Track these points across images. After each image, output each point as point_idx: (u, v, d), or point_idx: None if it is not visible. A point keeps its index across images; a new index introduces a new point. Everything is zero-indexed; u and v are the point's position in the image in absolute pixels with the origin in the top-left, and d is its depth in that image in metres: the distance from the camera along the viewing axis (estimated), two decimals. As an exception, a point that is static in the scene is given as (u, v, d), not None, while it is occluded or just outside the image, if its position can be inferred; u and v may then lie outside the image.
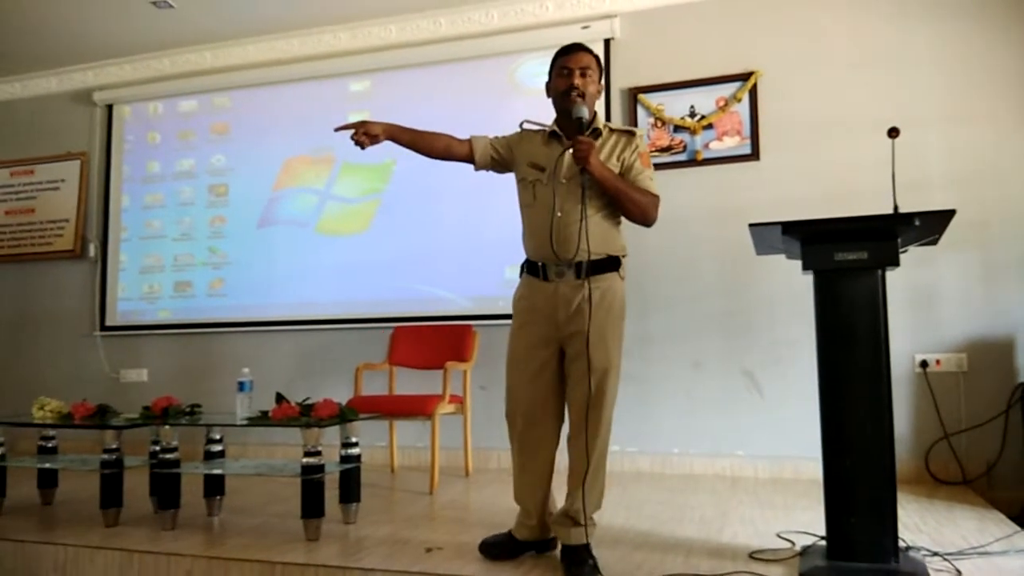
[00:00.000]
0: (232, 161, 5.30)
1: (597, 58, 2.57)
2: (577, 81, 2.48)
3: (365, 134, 2.59)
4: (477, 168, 2.67)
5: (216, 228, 5.29)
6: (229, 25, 5.05)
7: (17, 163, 5.84)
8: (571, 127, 2.46)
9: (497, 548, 2.52)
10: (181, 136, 5.45)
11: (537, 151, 2.55)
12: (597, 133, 2.52)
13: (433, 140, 2.66)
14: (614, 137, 2.54)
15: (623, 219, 2.55)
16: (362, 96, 5.03)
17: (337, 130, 2.65)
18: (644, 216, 2.49)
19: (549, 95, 2.59)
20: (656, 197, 2.50)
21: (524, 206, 2.58)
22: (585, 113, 2.43)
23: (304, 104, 5.14)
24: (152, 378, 5.29)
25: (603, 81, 2.61)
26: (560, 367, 2.52)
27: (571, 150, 2.41)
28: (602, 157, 2.47)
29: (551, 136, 2.55)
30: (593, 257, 2.42)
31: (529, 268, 2.56)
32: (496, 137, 2.67)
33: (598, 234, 2.44)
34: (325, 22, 5.01)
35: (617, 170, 2.48)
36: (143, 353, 5.36)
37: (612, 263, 2.48)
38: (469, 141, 2.65)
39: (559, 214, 2.44)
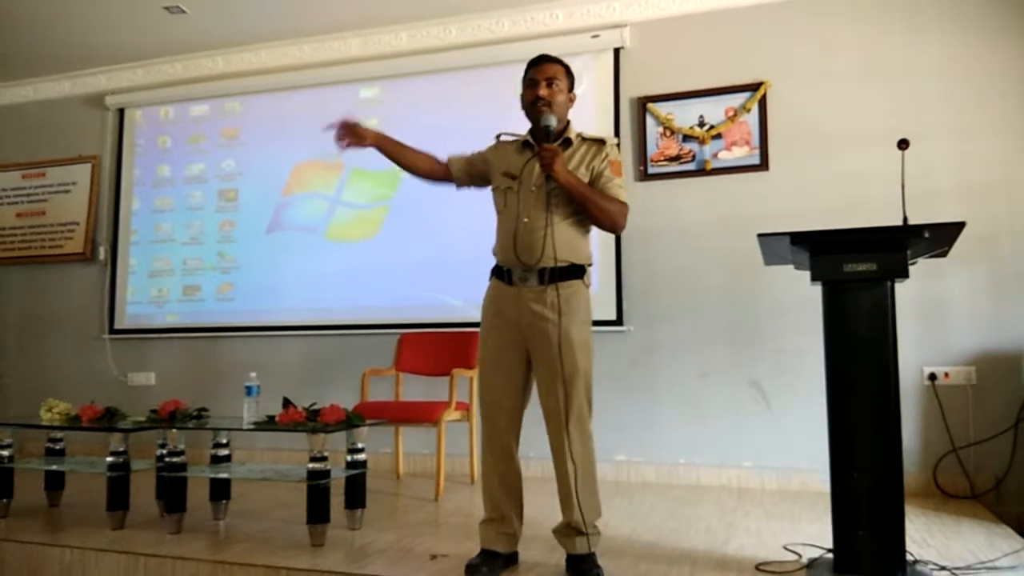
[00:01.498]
0: (242, 166, 5.32)
1: (566, 67, 2.59)
2: (543, 92, 2.51)
3: (353, 134, 2.60)
4: (459, 187, 2.72)
5: (225, 232, 5.31)
6: (241, 31, 5.09)
7: (28, 166, 5.88)
8: (542, 136, 2.49)
9: (485, 566, 2.47)
10: (192, 140, 5.47)
11: (511, 160, 2.59)
12: (568, 142, 2.55)
13: (416, 158, 2.69)
14: (585, 146, 2.56)
15: (593, 228, 2.58)
16: (372, 103, 5.05)
17: (325, 129, 2.64)
18: (612, 223, 2.52)
19: (522, 107, 2.61)
20: (624, 205, 2.52)
21: (497, 213, 2.62)
22: (552, 121, 2.47)
23: (314, 110, 5.15)
24: (160, 381, 5.30)
25: (575, 90, 2.61)
26: (529, 371, 2.54)
27: (537, 158, 2.45)
28: (572, 165, 2.50)
29: (524, 145, 2.58)
30: (557, 264, 2.44)
31: (496, 272, 2.59)
32: (473, 153, 2.72)
33: (564, 241, 2.46)
34: (336, 29, 5.04)
35: (587, 178, 2.51)
36: (151, 356, 5.38)
37: (576, 271, 2.50)
38: (447, 163, 2.70)
39: (525, 220, 2.47)
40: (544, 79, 2.52)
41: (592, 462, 2.49)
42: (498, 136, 2.68)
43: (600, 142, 2.56)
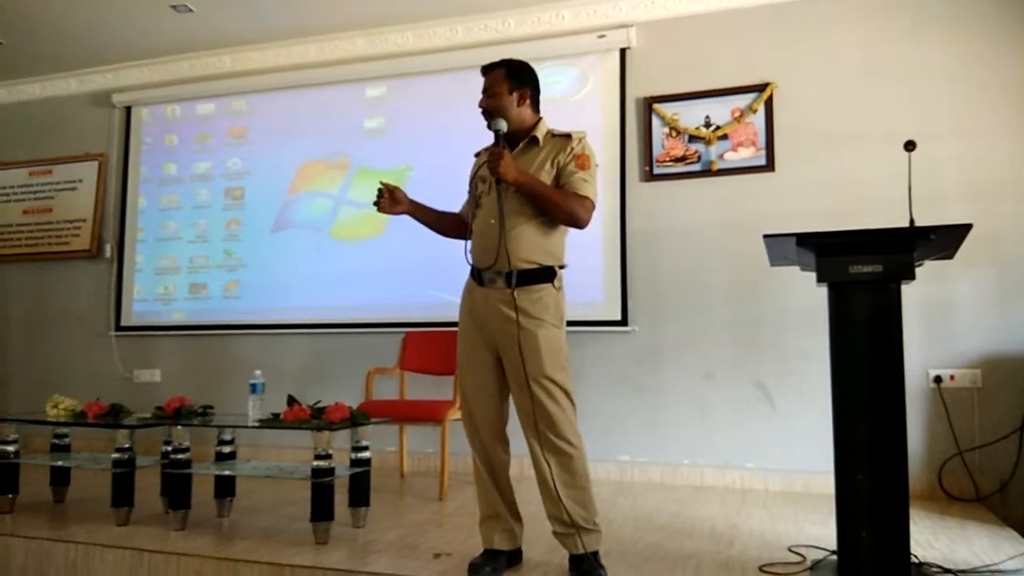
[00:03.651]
0: (248, 164, 5.33)
1: (506, 68, 2.59)
2: (480, 104, 2.58)
3: (392, 199, 2.67)
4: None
5: (232, 231, 5.32)
6: (247, 30, 5.09)
7: (36, 163, 5.90)
8: (497, 141, 2.52)
9: (488, 566, 2.49)
10: (198, 139, 5.49)
11: (482, 166, 2.62)
12: (535, 140, 2.57)
13: (448, 222, 2.78)
14: (552, 142, 2.57)
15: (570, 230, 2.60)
16: (378, 102, 5.05)
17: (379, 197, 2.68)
18: (572, 218, 2.50)
19: None
20: (586, 198, 2.50)
21: (475, 216, 2.65)
22: (501, 126, 2.50)
23: (320, 109, 5.17)
24: (165, 379, 5.32)
25: (523, 87, 2.58)
26: (504, 369, 2.55)
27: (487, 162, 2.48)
28: (538, 162, 2.53)
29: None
30: (523, 267, 2.46)
31: (471, 272, 2.62)
32: (468, 188, 2.77)
33: (529, 243, 2.47)
34: (342, 28, 5.05)
35: (552, 174, 2.52)
36: (157, 354, 5.40)
37: (545, 273, 2.50)
38: (461, 214, 2.79)
39: (492, 222, 2.50)
40: (483, 91, 2.58)
41: (576, 459, 2.45)
42: (476, 154, 2.77)
43: (566, 137, 2.56)
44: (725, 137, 4.30)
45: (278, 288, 5.13)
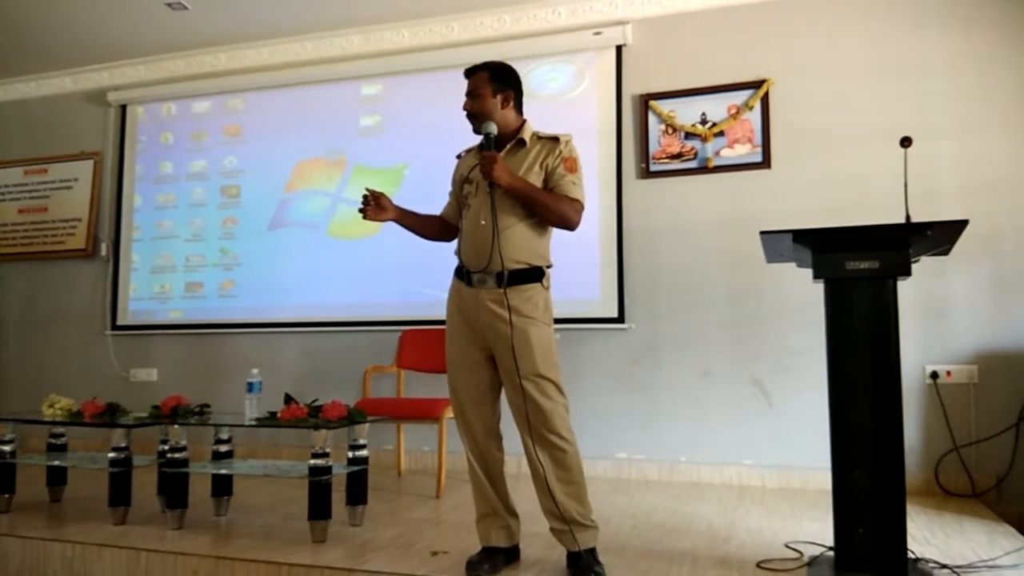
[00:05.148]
0: (244, 163, 5.32)
1: (489, 70, 2.59)
2: (465, 106, 2.59)
3: (377, 205, 2.67)
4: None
5: (228, 229, 5.31)
6: (243, 27, 5.08)
7: (31, 162, 5.88)
8: (486, 143, 2.53)
9: (487, 563, 2.49)
10: (194, 137, 5.48)
11: (470, 166, 2.62)
12: (522, 142, 2.57)
13: (431, 225, 2.80)
14: (539, 145, 2.58)
15: (554, 229, 2.60)
16: (374, 100, 5.04)
17: (364, 204, 2.68)
18: (563, 220, 2.52)
19: None
20: (576, 201, 2.52)
21: (462, 216, 2.65)
22: (491, 129, 2.51)
23: (316, 107, 5.16)
24: (162, 378, 5.31)
25: (506, 90, 2.58)
26: (494, 368, 2.56)
27: (479, 165, 2.48)
28: (526, 164, 2.53)
29: (480, 150, 2.60)
30: (514, 267, 2.46)
31: (456, 272, 2.62)
32: (450, 191, 2.78)
33: (519, 243, 2.48)
34: (338, 25, 5.04)
35: (541, 177, 2.52)
36: (153, 352, 5.39)
37: (534, 273, 2.51)
38: (443, 217, 2.80)
39: (482, 223, 2.50)
40: (466, 94, 2.58)
41: (570, 455, 2.46)
42: (458, 156, 2.77)
43: (554, 140, 2.57)
44: (721, 134, 4.30)
45: (275, 286, 5.12)
